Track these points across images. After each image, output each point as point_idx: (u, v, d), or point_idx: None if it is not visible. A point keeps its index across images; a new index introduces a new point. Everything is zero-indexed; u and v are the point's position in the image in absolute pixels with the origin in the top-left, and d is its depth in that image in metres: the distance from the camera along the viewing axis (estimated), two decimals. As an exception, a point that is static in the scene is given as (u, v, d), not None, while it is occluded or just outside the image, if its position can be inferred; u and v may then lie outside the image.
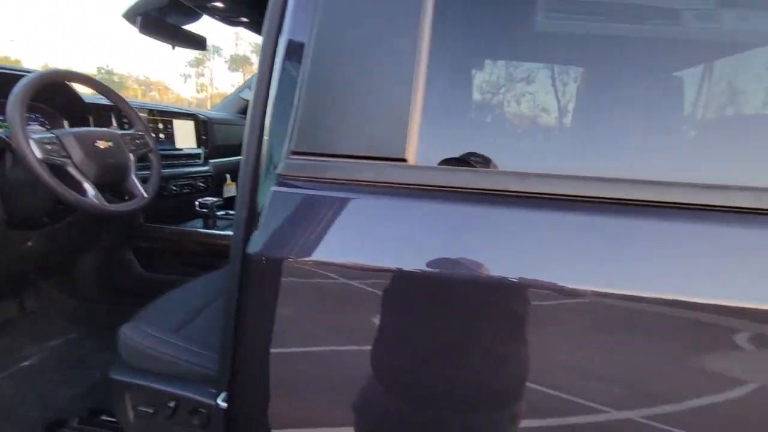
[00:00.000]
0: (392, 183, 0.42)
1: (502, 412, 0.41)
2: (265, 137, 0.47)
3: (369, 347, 0.40)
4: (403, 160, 0.42)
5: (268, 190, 0.43)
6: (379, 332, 0.39)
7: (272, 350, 0.42)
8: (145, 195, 1.08)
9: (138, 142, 1.13)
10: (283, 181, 0.43)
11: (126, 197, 1.09)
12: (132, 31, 1.05)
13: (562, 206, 0.38)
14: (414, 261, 0.39)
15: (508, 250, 0.38)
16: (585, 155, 0.51)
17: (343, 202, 0.42)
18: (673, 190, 0.37)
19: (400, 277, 0.39)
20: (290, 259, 0.40)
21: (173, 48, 1.24)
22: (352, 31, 0.44)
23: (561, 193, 0.39)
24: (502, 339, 0.39)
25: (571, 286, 0.36)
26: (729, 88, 0.55)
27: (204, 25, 1.20)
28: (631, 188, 0.38)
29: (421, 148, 0.43)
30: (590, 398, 0.37)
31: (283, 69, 0.46)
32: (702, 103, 0.57)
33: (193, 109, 1.72)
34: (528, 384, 0.38)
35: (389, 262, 0.39)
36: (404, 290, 0.40)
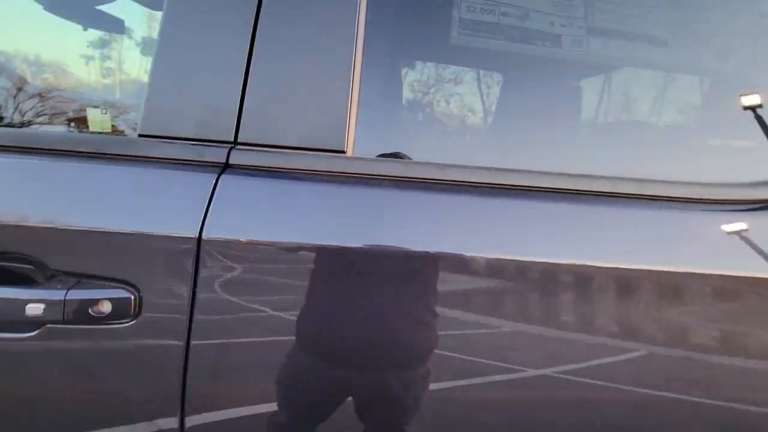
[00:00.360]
0: (331, 172, 0.47)
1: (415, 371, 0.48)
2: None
3: (300, 315, 0.44)
4: (342, 152, 0.48)
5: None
6: (308, 301, 0.44)
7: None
8: None
9: None
10: (231, 169, 0.46)
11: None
12: (34, 8, 0.96)
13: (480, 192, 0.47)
14: (346, 238, 0.45)
15: (430, 228, 0.46)
16: (494, 150, 0.61)
17: (286, 189, 0.46)
18: (558, 179, 0.47)
19: (335, 253, 0.44)
20: (237, 241, 0.43)
21: (85, 29, 1.15)
22: (294, 31, 0.48)
23: (476, 181, 0.47)
24: (420, 305, 0.47)
25: (480, 255, 0.44)
26: (609, 98, 0.69)
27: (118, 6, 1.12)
28: (526, 177, 0.47)
29: (358, 141, 0.48)
30: (491, 358, 0.46)
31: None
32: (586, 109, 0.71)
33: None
34: (438, 346, 0.45)
35: (326, 241, 0.44)
36: (338, 266, 0.45)
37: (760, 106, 0.53)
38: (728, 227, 0.47)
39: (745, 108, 0.57)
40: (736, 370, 0.46)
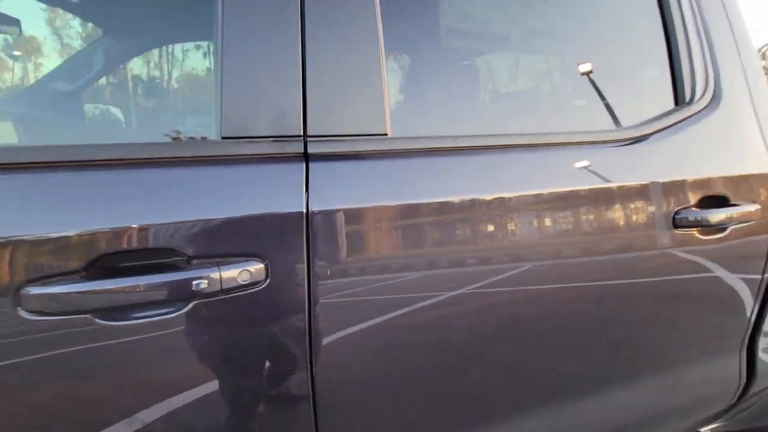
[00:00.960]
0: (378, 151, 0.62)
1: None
2: None
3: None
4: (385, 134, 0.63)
5: None
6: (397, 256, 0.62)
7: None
8: None
9: None
10: (313, 157, 0.58)
11: None
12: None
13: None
14: (406, 197, 0.62)
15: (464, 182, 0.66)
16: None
17: (354, 168, 0.60)
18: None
19: (412, 208, 0.62)
20: (336, 210, 0.56)
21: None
22: (334, 36, 0.59)
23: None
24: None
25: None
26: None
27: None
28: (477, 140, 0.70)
29: (393, 126, 0.64)
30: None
31: None
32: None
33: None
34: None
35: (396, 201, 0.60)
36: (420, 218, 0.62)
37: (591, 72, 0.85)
38: (596, 159, 0.75)
39: (583, 74, 0.90)
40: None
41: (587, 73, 0.90)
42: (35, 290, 0.44)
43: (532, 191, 0.68)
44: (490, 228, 0.66)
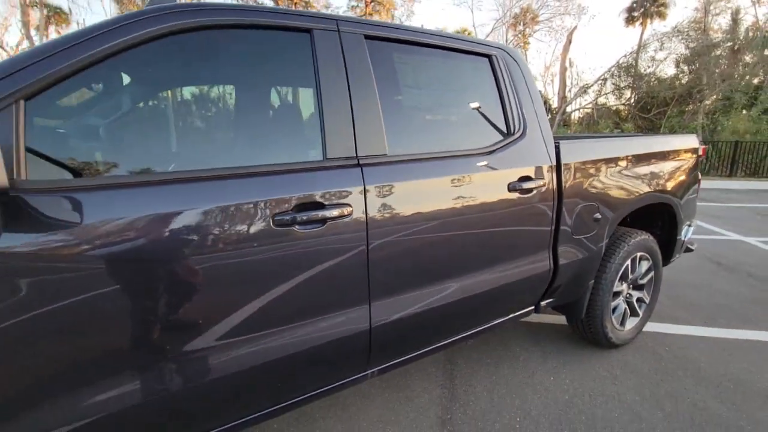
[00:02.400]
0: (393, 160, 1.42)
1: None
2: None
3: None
4: (385, 155, 1.42)
5: None
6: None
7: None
8: None
9: None
10: (363, 165, 1.34)
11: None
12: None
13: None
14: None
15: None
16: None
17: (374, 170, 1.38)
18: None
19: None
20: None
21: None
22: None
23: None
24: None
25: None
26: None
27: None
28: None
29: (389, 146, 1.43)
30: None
31: None
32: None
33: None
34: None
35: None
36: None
37: (479, 107, 1.75)
38: (479, 163, 1.65)
39: (474, 109, 1.80)
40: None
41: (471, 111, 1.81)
42: (277, 218, 1.14)
43: (447, 176, 1.53)
44: (431, 196, 1.50)
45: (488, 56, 1.82)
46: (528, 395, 2.02)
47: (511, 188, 1.68)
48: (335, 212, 1.22)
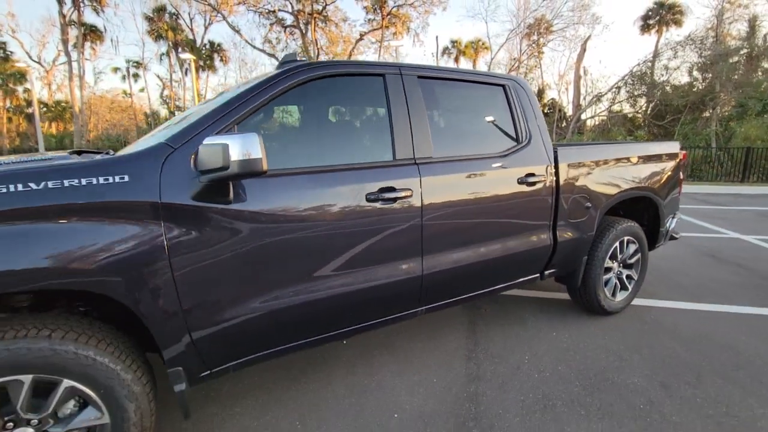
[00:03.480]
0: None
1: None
2: None
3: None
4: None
5: None
6: None
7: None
8: None
9: None
10: (420, 163, 1.99)
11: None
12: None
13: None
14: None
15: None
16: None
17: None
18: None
19: None
20: None
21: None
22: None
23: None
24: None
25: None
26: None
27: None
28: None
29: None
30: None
31: None
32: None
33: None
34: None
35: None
36: None
37: (496, 122, 2.40)
38: (496, 163, 2.29)
39: (492, 123, 2.45)
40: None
41: (490, 125, 2.46)
42: (368, 196, 1.80)
43: (474, 172, 2.18)
44: (458, 184, 2.14)
45: (502, 85, 2.47)
46: (534, 344, 2.62)
47: (520, 182, 2.31)
48: (402, 194, 1.87)
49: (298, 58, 1.94)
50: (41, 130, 31.55)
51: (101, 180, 1.33)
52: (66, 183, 1.28)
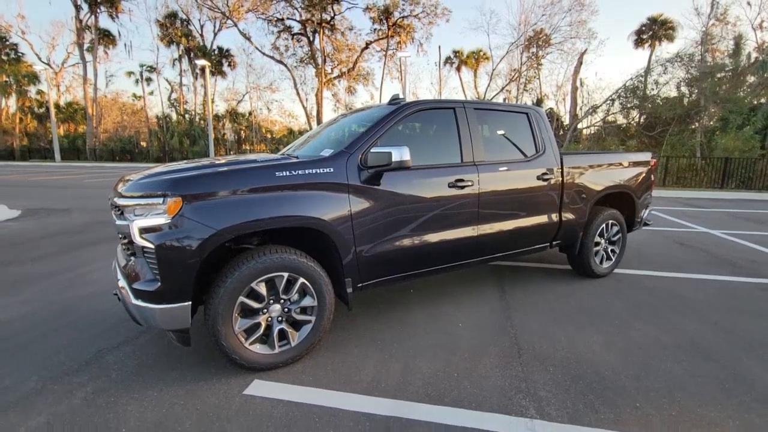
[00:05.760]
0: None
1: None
2: None
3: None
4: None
5: None
6: None
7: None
8: None
9: None
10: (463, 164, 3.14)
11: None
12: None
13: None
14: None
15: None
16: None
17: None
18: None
19: None
20: None
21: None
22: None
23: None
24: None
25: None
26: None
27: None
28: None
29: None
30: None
31: None
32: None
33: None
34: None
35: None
36: None
37: (522, 138, 3.57)
38: (523, 165, 3.46)
39: (520, 138, 3.61)
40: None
41: (519, 139, 3.63)
42: (449, 184, 2.95)
43: (509, 170, 3.33)
44: (493, 183, 3.30)
45: (526, 113, 3.64)
46: (545, 294, 3.76)
47: (538, 178, 3.47)
48: (468, 183, 3.02)
49: (401, 96, 3.09)
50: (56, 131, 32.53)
51: (321, 171, 2.46)
52: (306, 171, 2.41)
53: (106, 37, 35.72)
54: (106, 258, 4.72)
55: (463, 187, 3.00)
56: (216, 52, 36.31)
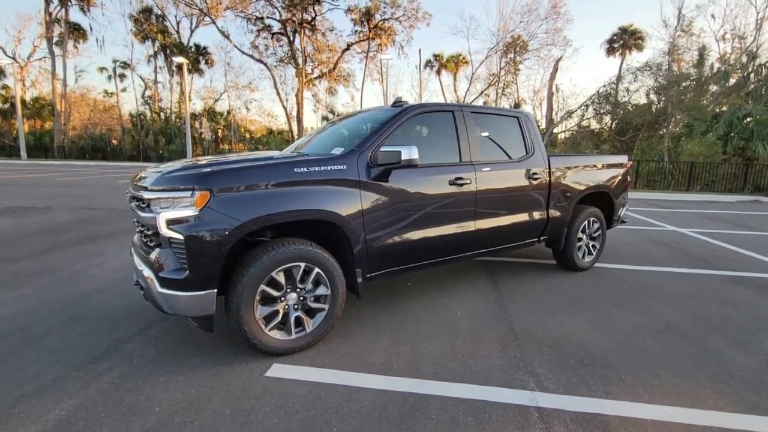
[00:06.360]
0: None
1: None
2: None
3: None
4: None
5: None
6: None
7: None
8: None
9: None
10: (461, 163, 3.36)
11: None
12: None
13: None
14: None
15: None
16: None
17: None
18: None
19: None
20: None
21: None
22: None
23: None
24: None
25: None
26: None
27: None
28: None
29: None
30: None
31: None
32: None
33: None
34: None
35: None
36: None
37: (513, 140, 3.83)
38: (514, 165, 3.72)
39: (511, 140, 3.88)
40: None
41: (510, 141, 3.89)
42: (449, 182, 3.16)
43: (501, 170, 3.58)
44: (487, 183, 3.54)
45: (517, 117, 3.90)
46: (534, 284, 4.02)
47: (528, 177, 3.73)
48: (466, 181, 3.24)
49: (403, 100, 3.30)
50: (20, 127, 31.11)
51: (334, 167, 2.63)
52: (322, 168, 2.57)
53: (76, 31, 34.47)
54: (101, 255, 4.71)
55: (462, 185, 3.22)
56: (193, 49, 35.60)
